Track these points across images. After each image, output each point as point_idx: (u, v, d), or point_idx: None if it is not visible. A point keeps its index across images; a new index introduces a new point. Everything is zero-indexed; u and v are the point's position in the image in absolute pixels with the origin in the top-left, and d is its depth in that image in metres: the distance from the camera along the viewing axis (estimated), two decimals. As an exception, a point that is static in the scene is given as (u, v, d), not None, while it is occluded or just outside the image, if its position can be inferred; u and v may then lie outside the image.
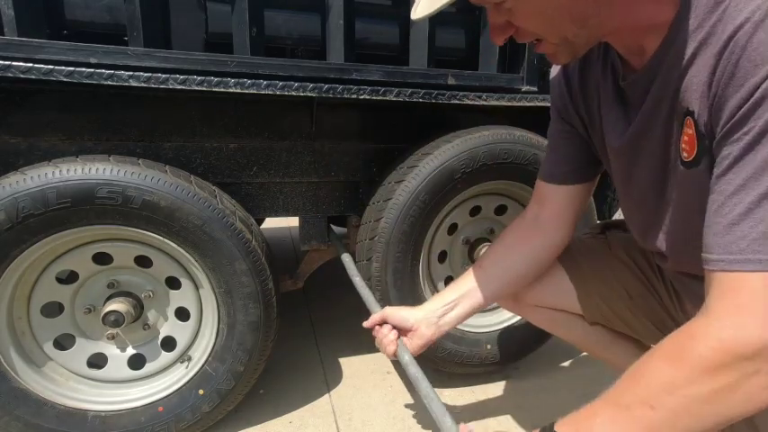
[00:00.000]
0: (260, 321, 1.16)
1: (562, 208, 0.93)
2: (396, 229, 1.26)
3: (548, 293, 1.04)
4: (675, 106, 0.60)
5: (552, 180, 0.92)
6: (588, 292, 1.01)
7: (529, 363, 1.58)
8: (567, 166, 0.90)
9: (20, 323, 1.10)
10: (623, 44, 0.66)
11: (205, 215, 1.07)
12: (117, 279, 1.14)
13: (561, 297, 1.03)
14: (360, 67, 1.18)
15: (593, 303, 1.01)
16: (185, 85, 1.06)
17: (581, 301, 1.02)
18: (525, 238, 0.97)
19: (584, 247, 1.05)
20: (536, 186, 0.96)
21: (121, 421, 1.13)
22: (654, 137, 0.66)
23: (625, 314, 0.99)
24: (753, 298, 0.49)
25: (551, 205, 0.93)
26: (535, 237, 0.96)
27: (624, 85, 0.69)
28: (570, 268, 1.03)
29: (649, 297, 0.95)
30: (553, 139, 0.92)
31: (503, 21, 0.62)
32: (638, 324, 0.98)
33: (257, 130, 1.25)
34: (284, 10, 1.37)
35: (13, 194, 0.95)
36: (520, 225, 0.98)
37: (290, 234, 3.23)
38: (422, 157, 1.28)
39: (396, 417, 1.33)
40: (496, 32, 0.64)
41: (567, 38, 0.61)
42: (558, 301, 1.04)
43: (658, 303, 0.94)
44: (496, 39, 0.65)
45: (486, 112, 1.41)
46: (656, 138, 0.66)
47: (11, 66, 0.95)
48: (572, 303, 1.03)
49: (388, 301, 1.27)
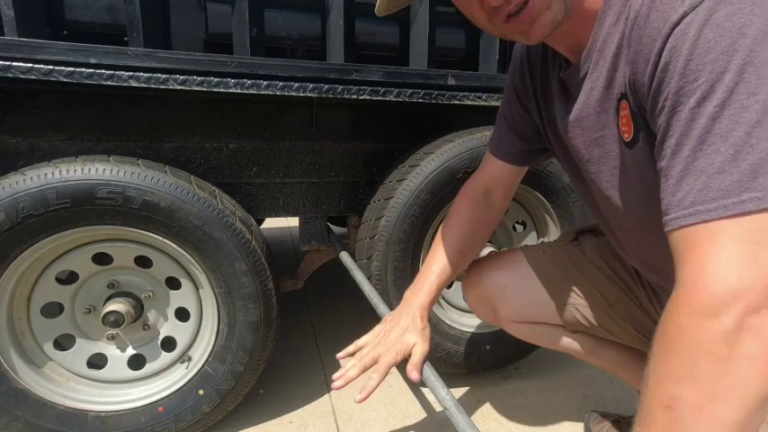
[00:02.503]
0: (260, 321, 1.16)
1: (510, 187, 1.01)
2: (396, 228, 1.26)
3: (527, 308, 1.04)
4: (610, 93, 0.63)
5: (506, 158, 0.97)
6: (566, 303, 1.01)
7: (529, 363, 1.58)
8: (521, 146, 0.94)
9: (20, 323, 1.10)
10: (566, 41, 0.69)
11: (205, 215, 1.07)
12: (117, 279, 1.14)
13: (540, 310, 1.04)
14: (360, 68, 1.18)
15: (571, 314, 1.01)
16: (185, 85, 1.06)
17: (560, 312, 1.02)
18: (482, 214, 1.01)
19: (558, 257, 1.04)
20: (487, 159, 1.00)
21: (121, 421, 1.13)
22: (595, 123, 0.69)
23: (605, 322, 0.98)
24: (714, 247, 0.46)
25: (503, 182, 1.00)
26: (487, 211, 1.02)
27: (564, 76, 0.72)
28: (546, 281, 1.03)
29: (628, 302, 0.95)
30: (512, 115, 0.94)
31: None
32: (618, 330, 0.98)
33: (257, 130, 1.25)
34: (284, 10, 1.37)
35: (13, 195, 0.95)
36: (475, 199, 1.02)
37: (290, 234, 3.23)
38: (423, 157, 1.28)
39: (396, 417, 1.33)
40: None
41: None
42: (537, 315, 1.05)
43: (637, 306, 0.94)
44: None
45: (486, 112, 1.41)
46: (597, 124, 0.68)
47: (11, 66, 0.95)
48: (551, 315, 1.03)
49: (388, 300, 1.28)
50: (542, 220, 1.48)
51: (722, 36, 0.46)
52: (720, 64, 0.46)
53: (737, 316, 0.44)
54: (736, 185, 0.45)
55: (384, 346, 0.90)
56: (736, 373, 0.44)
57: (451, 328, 1.42)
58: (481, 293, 1.08)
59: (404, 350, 0.90)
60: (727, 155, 0.46)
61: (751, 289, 0.44)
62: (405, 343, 0.90)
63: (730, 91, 0.46)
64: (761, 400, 0.43)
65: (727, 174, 0.46)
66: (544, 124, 0.86)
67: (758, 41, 0.45)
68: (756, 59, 0.45)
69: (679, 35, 0.49)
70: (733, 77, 0.46)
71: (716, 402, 0.44)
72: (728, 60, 0.46)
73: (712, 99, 0.47)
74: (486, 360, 1.46)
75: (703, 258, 0.47)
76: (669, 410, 0.47)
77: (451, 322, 1.43)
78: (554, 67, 0.76)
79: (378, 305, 1.13)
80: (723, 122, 0.46)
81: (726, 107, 0.46)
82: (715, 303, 0.45)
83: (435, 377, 0.86)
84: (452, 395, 0.83)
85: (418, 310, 0.95)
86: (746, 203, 0.45)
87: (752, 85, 0.45)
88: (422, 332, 0.92)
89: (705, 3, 0.47)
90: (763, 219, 0.44)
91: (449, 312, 1.47)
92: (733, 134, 0.46)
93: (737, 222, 0.45)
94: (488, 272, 1.07)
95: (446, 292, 1.47)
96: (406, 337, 0.91)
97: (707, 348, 0.45)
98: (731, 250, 0.45)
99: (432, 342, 0.95)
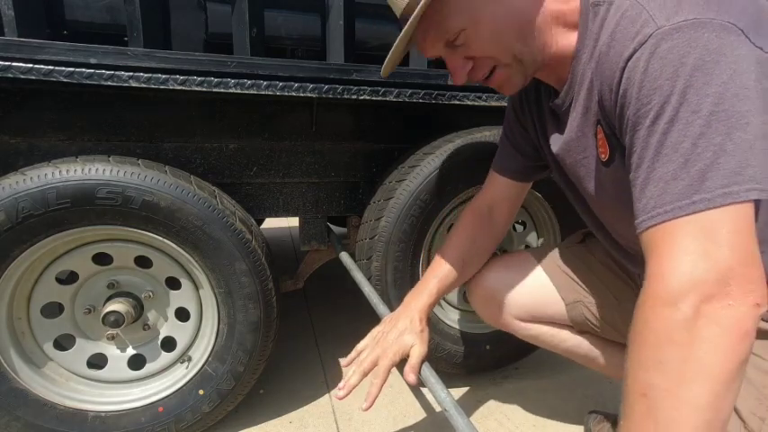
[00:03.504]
0: (260, 321, 1.16)
1: (514, 203, 1.05)
2: (396, 229, 1.26)
3: (534, 306, 1.05)
4: (588, 119, 0.71)
5: (509, 175, 1.01)
6: (574, 300, 1.02)
7: (529, 363, 1.58)
8: (523, 163, 0.99)
9: (20, 323, 1.10)
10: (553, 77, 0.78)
11: (205, 215, 1.07)
12: (117, 279, 1.14)
13: (548, 308, 1.04)
14: (360, 68, 1.18)
15: (579, 312, 1.01)
16: (185, 85, 1.05)
17: (568, 310, 1.02)
18: (484, 228, 1.05)
19: (567, 256, 1.06)
20: (491, 177, 1.05)
21: (121, 422, 1.13)
22: (579, 146, 0.76)
23: (613, 319, 0.99)
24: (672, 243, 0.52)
25: (507, 198, 1.04)
26: (491, 226, 1.05)
27: (552, 105, 0.80)
28: (555, 278, 1.04)
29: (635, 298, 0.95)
30: (513, 134, 0.99)
31: (460, 59, 0.74)
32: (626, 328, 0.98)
33: (257, 130, 1.25)
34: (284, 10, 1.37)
35: (13, 195, 0.95)
36: (479, 215, 1.05)
37: (290, 234, 3.23)
38: (423, 157, 1.28)
39: (396, 417, 1.33)
40: (458, 71, 0.76)
41: (516, 55, 0.72)
42: (545, 313, 1.05)
43: None
44: (459, 79, 0.76)
45: (486, 112, 1.41)
46: (580, 147, 0.76)
47: (11, 66, 0.95)
48: (559, 314, 1.04)
49: (388, 301, 1.27)
50: (542, 219, 1.48)
51: (666, 66, 0.53)
52: (666, 88, 0.53)
53: (694, 305, 0.49)
54: (688, 188, 0.52)
55: (381, 348, 0.91)
56: (698, 357, 0.48)
57: (451, 328, 1.42)
58: (487, 293, 1.08)
59: (401, 351, 0.90)
60: (678, 163, 0.52)
61: (704, 280, 0.49)
62: (402, 344, 0.91)
63: (676, 110, 0.53)
64: (725, 381, 0.48)
65: (679, 179, 0.52)
66: (541, 144, 0.92)
67: (696, 68, 0.52)
68: (695, 82, 0.52)
69: (632, 67, 0.57)
70: (678, 98, 0.53)
71: (684, 385, 0.49)
72: (673, 85, 0.53)
73: (663, 117, 0.54)
74: (486, 360, 1.46)
75: (663, 254, 0.53)
76: (644, 398, 0.51)
77: (451, 322, 1.43)
78: (545, 95, 0.85)
79: (377, 305, 1.13)
80: (673, 136, 0.53)
81: (674, 123, 0.53)
82: (673, 294, 0.50)
83: (435, 378, 0.86)
84: (452, 396, 0.83)
85: (417, 313, 0.95)
86: (697, 204, 0.51)
87: (693, 104, 0.52)
88: (420, 334, 0.93)
89: (650, 40, 0.55)
90: (712, 216, 0.50)
91: (449, 312, 1.47)
92: (682, 146, 0.52)
93: (690, 221, 0.51)
94: (495, 271, 1.08)
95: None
96: (404, 338, 0.92)
97: (669, 336, 0.50)
98: (686, 246, 0.51)
99: (431, 343, 0.95)
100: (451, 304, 1.49)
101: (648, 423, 0.51)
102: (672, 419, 0.49)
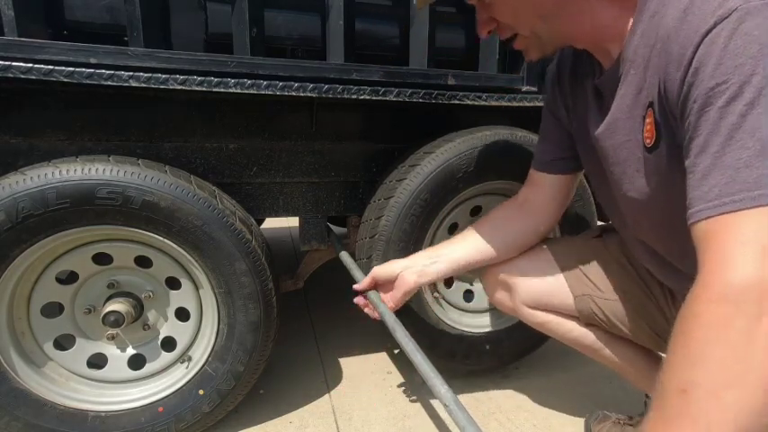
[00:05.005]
0: (260, 321, 1.16)
1: (550, 196, 1.02)
2: (396, 228, 1.26)
3: (544, 294, 1.05)
4: (639, 101, 0.68)
5: (541, 168, 1.01)
6: (583, 293, 1.02)
7: (529, 363, 1.58)
8: (555, 155, 0.98)
9: (20, 323, 1.10)
10: (591, 48, 0.77)
11: (205, 215, 1.07)
12: (117, 279, 1.14)
13: (557, 298, 1.05)
14: (360, 68, 1.18)
15: (587, 305, 1.02)
16: (185, 85, 1.05)
17: (576, 302, 1.03)
18: (512, 217, 1.05)
19: (581, 250, 1.06)
20: (529, 173, 1.05)
21: (121, 421, 1.13)
22: (623, 128, 0.73)
23: (621, 315, 0.99)
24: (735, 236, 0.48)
25: (541, 192, 1.02)
26: (522, 218, 1.04)
27: (597, 82, 0.78)
28: (566, 270, 1.04)
29: (645, 299, 0.96)
30: (545, 128, 1.00)
31: (486, 16, 0.77)
32: (632, 325, 0.99)
33: (257, 130, 1.25)
34: (284, 10, 1.36)
35: (13, 195, 0.95)
36: (510, 205, 1.07)
37: (290, 234, 3.23)
38: (423, 156, 1.28)
39: (396, 417, 1.32)
40: (482, 26, 0.79)
41: (535, 31, 0.74)
42: (553, 302, 1.05)
43: (654, 305, 0.95)
44: (482, 31, 0.80)
45: (486, 112, 1.41)
46: (625, 129, 0.73)
47: (11, 66, 0.95)
48: (567, 304, 1.04)
49: (389, 301, 1.27)
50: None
51: (751, 43, 0.49)
52: (749, 68, 0.49)
53: (758, 304, 0.45)
54: (762, 179, 0.47)
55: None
56: (754, 360, 0.44)
57: (452, 327, 1.42)
58: (501, 277, 1.09)
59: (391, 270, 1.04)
60: (754, 150, 0.48)
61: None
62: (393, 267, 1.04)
63: (758, 92, 0.48)
64: None
65: (753, 168, 0.48)
66: (574, 127, 0.91)
67: None
68: None
69: (709, 42, 0.52)
70: (761, 80, 0.48)
71: (731, 388, 0.45)
72: (756, 64, 0.49)
73: (741, 99, 0.49)
74: (487, 360, 1.46)
75: (724, 247, 0.48)
76: (684, 394, 0.47)
77: (451, 322, 1.43)
78: (588, 74, 0.83)
79: (378, 305, 1.13)
80: (751, 120, 0.48)
81: (754, 106, 0.48)
82: (733, 291, 0.46)
83: (435, 374, 0.85)
84: (452, 392, 0.83)
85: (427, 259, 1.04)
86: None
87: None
88: (420, 271, 1.02)
89: (733, 14, 0.51)
90: None
91: (449, 312, 1.47)
92: (761, 131, 0.48)
93: (761, 213, 0.47)
94: (510, 258, 1.08)
95: (446, 291, 1.47)
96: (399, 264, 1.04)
97: (723, 334, 0.46)
98: (752, 240, 0.47)
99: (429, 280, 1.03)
100: (452, 304, 1.49)
101: (685, 421, 0.47)
102: (713, 422, 0.45)
